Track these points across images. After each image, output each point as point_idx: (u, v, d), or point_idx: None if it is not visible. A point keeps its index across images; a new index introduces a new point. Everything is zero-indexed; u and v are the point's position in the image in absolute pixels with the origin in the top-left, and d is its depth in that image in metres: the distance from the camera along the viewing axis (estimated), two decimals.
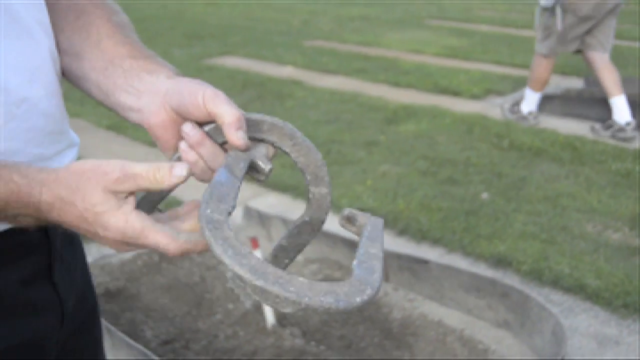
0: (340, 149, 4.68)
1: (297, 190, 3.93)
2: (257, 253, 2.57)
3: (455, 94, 6.27)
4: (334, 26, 10.68)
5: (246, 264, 0.62)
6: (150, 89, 0.82)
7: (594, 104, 5.48)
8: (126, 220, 0.68)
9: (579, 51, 5.23)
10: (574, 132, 5.03)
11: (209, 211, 0.66)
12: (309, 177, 0.82)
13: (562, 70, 7.25)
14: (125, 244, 0.71)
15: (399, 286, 2.89)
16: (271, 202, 3.83)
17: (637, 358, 2.47)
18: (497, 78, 6.84)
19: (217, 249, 0.63)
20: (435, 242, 3.31)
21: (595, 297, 2.81)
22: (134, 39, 0.91)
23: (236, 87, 6.42)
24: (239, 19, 11.41)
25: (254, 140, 0.79)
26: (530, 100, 5.34)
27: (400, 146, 4.73)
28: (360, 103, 5.94)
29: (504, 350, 2.49)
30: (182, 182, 0.70)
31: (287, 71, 7.34)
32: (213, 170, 0.77)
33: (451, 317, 2.70)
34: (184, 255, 0.71)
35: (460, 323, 2.66)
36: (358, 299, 0.63)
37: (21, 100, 0.80)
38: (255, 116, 0.79)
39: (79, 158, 0.97)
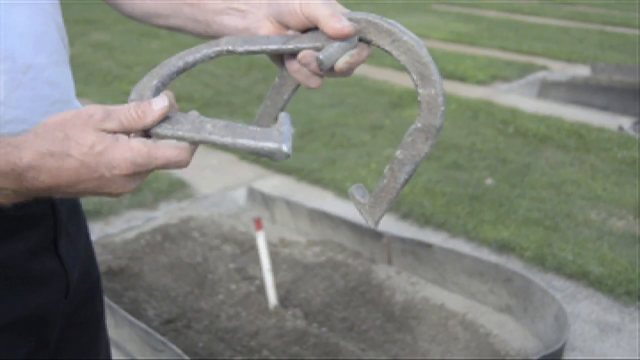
0: (344, 132, 4.66)
1: (300, 172, 3.92)
2: (261, 235, 2.56)
3: (461, 79, 6.24)
4: None
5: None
6: (252, 5, 0.83)
7: (600, 91, 5.45)
8: (130, 148, 0.65)
9: None
10: (580, 119, 5.00)
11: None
12: (414, 77, 0.74)
13: (569, 57, 7.21)
14: (136, 175, 0.67)
15: (401, 269, 2.89)
16: (275, 184, 3.82)
17: (639, 345, 2.47)
18: (503, 64, 6.81)
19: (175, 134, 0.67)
20: (439, 226, 3.31)
21: (598, 284, 2.81)
22: None
23: (241, 69, 6.39)
24: None
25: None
26: None
27: (405, 130, 4.68)
28: (366, 87, 5.91)
29: (506, 335, 2.49)
30: (165, 112, 0.67)
31: None
32: (319, 75, 0.77)
33: (453, 301, 2.70)
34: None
35: (463, 307, 2.66)
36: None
37: (27, 68, 0.79)
38: (347, 15, 0.74)
39: None
